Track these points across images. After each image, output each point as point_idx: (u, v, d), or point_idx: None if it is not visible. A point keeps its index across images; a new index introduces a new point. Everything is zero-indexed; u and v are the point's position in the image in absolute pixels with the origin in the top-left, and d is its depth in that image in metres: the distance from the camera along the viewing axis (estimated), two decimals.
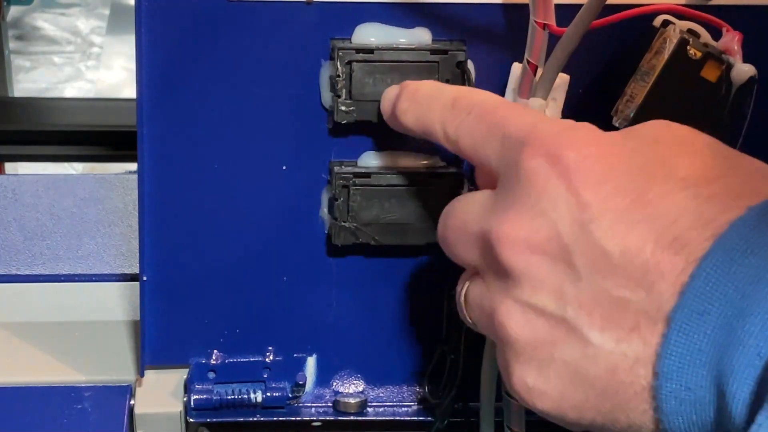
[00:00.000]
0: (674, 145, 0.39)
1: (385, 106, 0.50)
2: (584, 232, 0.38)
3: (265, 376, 0.56)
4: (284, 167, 0.53)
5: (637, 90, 0.48)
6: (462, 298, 0.45)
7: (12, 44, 1.79)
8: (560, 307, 0.39)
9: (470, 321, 0.45)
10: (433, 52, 0.51)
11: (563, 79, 0.50)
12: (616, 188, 0.38)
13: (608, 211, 0.38)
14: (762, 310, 0.34)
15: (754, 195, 0.37)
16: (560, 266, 0.39)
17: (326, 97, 0.52)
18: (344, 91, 0.51)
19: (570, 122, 0.41)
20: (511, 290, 0.40)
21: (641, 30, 0.49)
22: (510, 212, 0.40)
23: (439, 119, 0.46)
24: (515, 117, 0.42)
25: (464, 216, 0.44)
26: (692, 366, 0.35)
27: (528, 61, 0.46)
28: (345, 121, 0.51)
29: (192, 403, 0.56)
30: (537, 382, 0.40)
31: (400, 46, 0.51)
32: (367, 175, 0.52)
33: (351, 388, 0.58)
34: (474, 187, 0.53)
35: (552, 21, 0.46)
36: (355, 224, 0.53)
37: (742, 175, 0.38)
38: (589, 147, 0.39)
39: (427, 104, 0.47)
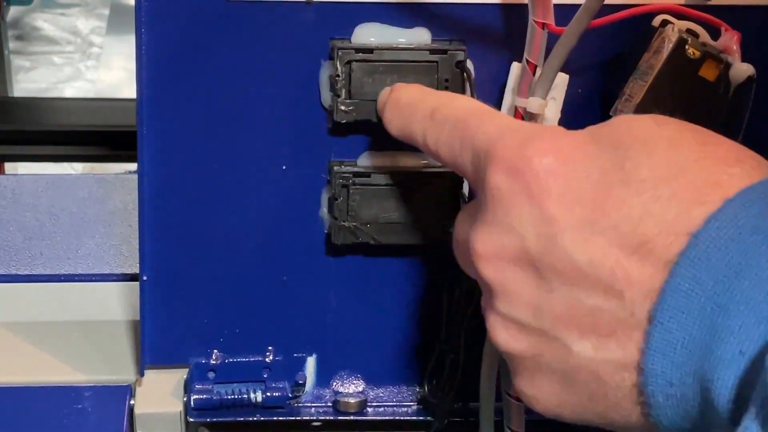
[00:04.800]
0: (633, 147, 0.38)
1: (379, 108, 0.50)
2: (551, 244, 0.39)
3: (265, 375, 0.56)
4: (284, 167, 0.53)
5: (636, 89, 0.48)
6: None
7: (12, 44, 1.79)
8: (537, 320, 0.39)
9: None
10: (433, 51, 0.51)
11: (562, 78, 0.50)
12: (577, 198, 0.38)
13: (572, 222, 0.38)
14: (742, 306, 0.34)
15: (715, 188, 0.36)
16: (532, 279, 0.39)
17: (326, 96, 0.52)
18: (344, 90, 0.51)
19: (534, 129, 0.41)
20: (494, 303, 0.41)
21: (640, 29, 0.49)
22: (482, 226, 0.41)
23: (420, 130, 0.46)
24: (481, 128, 0.42)
25: (459, 230, 0.44)
26: (675, 363, 0.35)
27: (527, 61, 0.46)
28: (344, 121, 0.51)
29: (192, 403, 0.56)
30: (531, 390, 0.41)
31: (400, 46, 0.51)
32: (367, 174, 0.52)
33: (351, 387, 0.58)
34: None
35: (551, 20, 0.46)
36: (354, 224, 0.53)
37: (703, 168, 0.37)
38: (548, 157, 0.39)
39: (410, 114, 0.47)
